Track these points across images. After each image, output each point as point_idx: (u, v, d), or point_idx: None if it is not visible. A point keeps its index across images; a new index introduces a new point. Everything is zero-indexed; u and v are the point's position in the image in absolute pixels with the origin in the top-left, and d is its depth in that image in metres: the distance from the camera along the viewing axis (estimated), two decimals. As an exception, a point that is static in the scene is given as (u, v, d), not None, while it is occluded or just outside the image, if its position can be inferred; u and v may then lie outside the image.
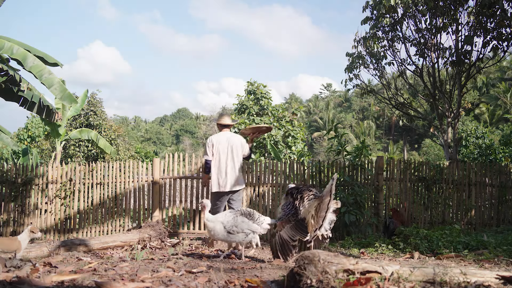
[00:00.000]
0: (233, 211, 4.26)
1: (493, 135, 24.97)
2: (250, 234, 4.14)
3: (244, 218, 4.18)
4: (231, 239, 4.16)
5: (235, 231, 4.13)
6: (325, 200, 3.88)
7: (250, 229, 4.15)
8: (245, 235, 4.14)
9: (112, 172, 7.33)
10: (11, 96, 7.55)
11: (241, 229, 4.15)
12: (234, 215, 4.19)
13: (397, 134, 48.63)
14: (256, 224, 4.17)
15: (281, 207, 4.17)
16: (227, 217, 4.18)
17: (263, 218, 4.30)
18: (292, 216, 3.95)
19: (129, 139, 29.65)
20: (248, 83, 17.05)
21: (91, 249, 4.93)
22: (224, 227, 4.11)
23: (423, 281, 2.16)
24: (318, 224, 3.83)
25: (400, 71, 12.10)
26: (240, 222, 4.13)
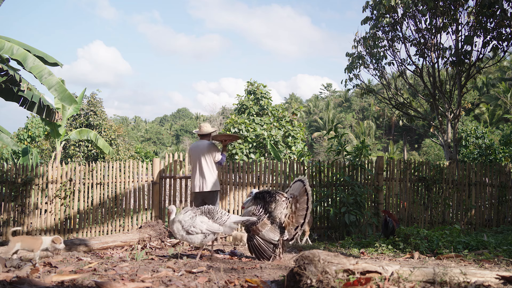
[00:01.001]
0: (194, 210, 4.08)
1: (493, 135, 24.97)
2: (210, 235, 3.97)
3: (204, 218, 3.99)
4: (190, 239, 3.97)
5: (193, 232, 3.94)
6: (301, 200, 4.03)
7: (210, 229, 3.97)
8: (204, 236, 3.96)
9: (112, 172, 7.34)
10: (11, 96, 7.54)
11: (200, 230, 3.95)
12: (193, 214, 4.00)
13: (397, 134, 48.63)
14: (217, 224, 3.98)
15: (252, 211, 4.09)
16: (186, 217, 3.99)
17: (227, 217, 4.08)
18: (268, 219, 4.02)
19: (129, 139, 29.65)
20: (248, 83, 17.05)
21: (91, 249, 4.93)
22: (182, 226, 3.93)
23: (423, 281, 2.16)
24: (298, 223, 4.02)
25: (400, 71, 12.10)
26: (199, 222, 3.94)
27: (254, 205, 4.15)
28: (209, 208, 4.08)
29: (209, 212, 4.05)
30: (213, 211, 4.07)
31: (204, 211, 4.04)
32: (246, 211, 4.21)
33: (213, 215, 4.04)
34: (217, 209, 4.11)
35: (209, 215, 4.03)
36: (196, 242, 3.98)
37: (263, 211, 4.08)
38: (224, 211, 4.15)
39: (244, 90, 17.04)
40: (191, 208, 4.11)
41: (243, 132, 14.58)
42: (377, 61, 11.97)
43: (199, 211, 4.04)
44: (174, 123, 66.25)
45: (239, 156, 14.12)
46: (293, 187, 4.24)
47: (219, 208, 4.22)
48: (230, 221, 4.04)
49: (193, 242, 3.98)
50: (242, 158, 14.09)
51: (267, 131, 14.59)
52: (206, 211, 4.05)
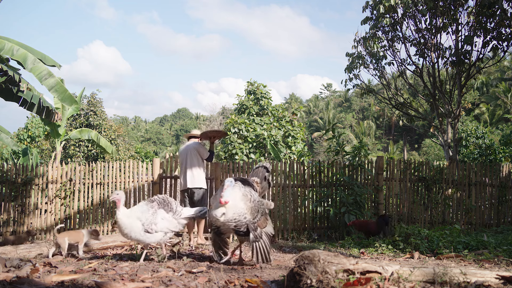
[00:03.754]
0: (149, 202, 3.62)
1: (493, 135, 24.97)
2: (169, 233, 3.59)
3: (163, 213, 3.55)
4: (147, 239, 3.49)
5: (153, 230, 3.46)
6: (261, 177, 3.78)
7: (170, 228, 3.56)
8: (163, 234, 3.54)
9: (112, 172, 7.34)
10: (11, 96, 7.54)
11: (161, 228, 3.50)
12: (153, 210, 3.52)
13: (397, 134, 48.62)
14: (176, 220, 3.59)
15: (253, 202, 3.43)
16: (146, 213, 3.50)
17: (180, 209, 3.67)
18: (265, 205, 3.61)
19: (129, 139, 29.66)
20: (248, 83, 17.05)
21: (91, 249, 4.93)
22: (143, 224, 3.46)
23: (423, 281, 2.16)
24: None
25: (400, 71, 12.09)
26: (160, 219, 3.50)
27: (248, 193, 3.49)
28: (164, 198, 3.66)
29: (166, 204, 3.62)
30: (170, 201, 3.65)
31: (160, 201, 3.61)
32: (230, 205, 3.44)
33: (171, 207, 3.62)
34: (172, 199, 3.70)
35: (167, 207, 3.61)
36: (152, 241, 3.52)
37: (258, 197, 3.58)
38: (177, 202, 3.73)
39: (244, 90, 17.05)
40: (145, 202, 3.67)
41: (243, 132, 14.58)
42: (377, 61, 11.96)
43: (156, 203, 3.60)
44: (174, 123, 66.24)
45: (239, 156, 14.12)
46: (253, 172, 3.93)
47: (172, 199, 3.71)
48: (183, 216, 3.65)
49: (147, 242, 3.52)
50: (242, 158, 14.08)
51: (267, 131, 14.58)
52: (162, 202, 3.61)
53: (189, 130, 59.92)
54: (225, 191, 3.38)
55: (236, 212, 3.32)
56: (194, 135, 6.18)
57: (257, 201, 3.46)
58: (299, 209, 7.33)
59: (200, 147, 6.03)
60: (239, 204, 3.38)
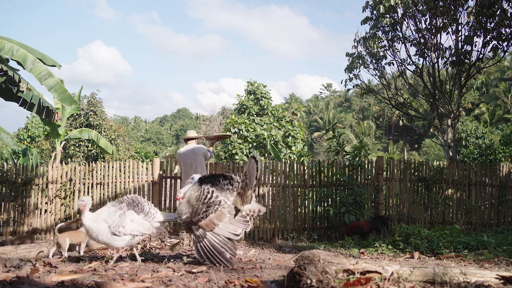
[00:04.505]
0: (117, 204, 3.39)
1: (493, 135, 24.97)
2: (139, 236, 3.36)
3: (133, 214, 3.34)
4: (114, 243, 3.28)
5: (121, 233, 3.26)
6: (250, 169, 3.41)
7: (140, 231, 3.34)
8: (131, 237, 3.32)
9: (112, 172, 7.34)
10: (11, 96, 7.54)
11: (130, 231, 3.29)
12: (121, 211, 3.31)
13: (397, 134, 48.62)
14: (148, 222, 3.37)
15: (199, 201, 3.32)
16: (113, 216, 3.28)
17: (155, 211, 3.46)
18: (226, 208, 3.33)
19: (129, 139, 29.66)
20: (248, 83, 17.05)
21: (91, 249, 4.92)
22: (109, 227, 3.24)
23: (423, 281, 2.16)
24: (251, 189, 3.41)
25: (400, 71, 12.09)
26: (129, 221, 3.29)
27: (201, 192, 3.34)
28: (134, 198, 3.44)
29: (136, 204, 3.40)
30: (141, 201, 3.43)
31: (130, 202, 3.40)
32: (183, 202, 3.43)
33: (142, 207, 3.40)
34: (144, 199, 3.49)
35: (137, 207, 3.39)
36: (120, 245, 3.32)
37: (218, 198, 3.33)
38: (152, 204, 3.53)
39: (244, 90, 17.05)
40: (112, 203, 3.44)
41: (243, 132, 14.58)
42: (377, 61, 11.96)
43: (124, 204, 3.38)
44: (174, 123, 66.23)
45: (239, 156, 14.12)
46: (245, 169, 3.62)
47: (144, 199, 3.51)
48: (157, 219, 3.44)
49: (116, 246, 3.32)
50: (242, 158, 14.09)
51: (267, 131, 14.59)
52: (132, 203, 3.39)
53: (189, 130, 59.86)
54: (184, 187, 3.49)
55: (179, 211, 3.38)
56: (193, 137, 6.28)
57: (205, 202, 3.28)
58: (299, 209, 7.33)
59: (206, 151, 6.19)
60: (184, 203, 3.40)
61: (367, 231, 6.20)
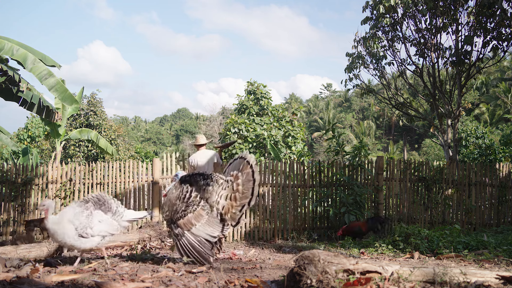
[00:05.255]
0: (83, 203, 3.23)
1: (493, 135, 24.97)
2: (108, 237, 3.22)
3: (101, 214, 3.19)
4: (82, 245, 3.11)
5: (89, 234, 3.09)
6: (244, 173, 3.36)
7: (109, 231, 3.19)
8: (100, 238, 3.18)
9: (112, 172, 7.34)
10: (11, 96, 7.54)
11: (98, 232, 3.13)
12: (88, 212, 3.15)
13: (397, 134, 48.61)
14: (116, 222, 3.24)
15: (179, 198, 3.32)
16: (79, 216, 3.11)
17: (123, 210, 3.33)
18: (204, 208, 3.30)
19: (129, 139, 29.66)
20: (248, 83, 17.05)
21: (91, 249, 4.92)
22: (76, 228, 3.07)
23: (423, 281, 2.16)
24: (244, 201, 3.36)
25: (400, 71, 12.09)
26: (97, 222, 3.14)
27: (181, 191, 3.34)
28: (100, 197, 3.30)
29: (103, 203, 3.26)
30: (108, 200, 3.29)
31: (96, 201, 3.25)
32: (165, 199, 3.43)
33: (109, 206, 3.26)
34: (110, 198, 3.35)
35: (104, 206, 3.24)
36: (87, 247, 3.16)
37: (197, 198, 3.32)
38: (118, 202, 3.40)
39: (244, 90, 17.05)
40: (78, 203, 3.27)
41: (243, 132, 14.58)
42: (377, 61, 11.96)
43: (91, 203, 3.23)
44: (174, 123, 66.23)
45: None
46: (231, 167, 3.55)
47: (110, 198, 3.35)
48: (126, 218, 3.32)
49: (83, 248, 3.15)
50: (242, 158, 14.07)
51: (267, 131, 14.59)
52: (98, 202, 3.24)
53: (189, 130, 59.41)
54: (168, 186, 3.52)
55: (162, 208, 3.43)
56: (205, 143, 6.60)
57: (185, 202, 3.27)
58: (299, 209, 7.33)
59: (218, 157, 6.52)
60: (166, 201, 3.42)
61: (364, 232, 6.21)
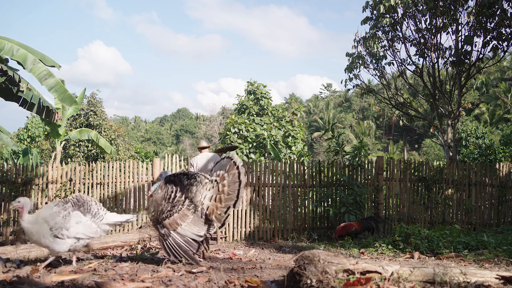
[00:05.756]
0: (62, 203, 3.10)
1: (493, 135, 24.97)
2: (85, 239, 3.06)
3: (79, 215, 3.05)
4: (56, 246, 2.96)
5: (64, 236, 2.94)
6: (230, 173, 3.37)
7: (86, 234, 3.03)
8: (75, 241, 3.00)
9: (112, 172, 7.34)
10: (11, 96, 7.54)
11: (74, 234, 2.97)
12: (65, 212, 3.00)
13: (397, 134, 48.61)
14: (95, 224, 3.09)
15: (164, 198, 3.30)
16: (56, 216, 2.97)
17: (104, 212, 3.17)
18: (189, 208, 3.29)
19: (129, 139, 29.67)
20: (248, 83, 17.05)
21: (91, 249, 4.92)
22: (51, 228, 2.93)
23: (423, 281, 2.16)
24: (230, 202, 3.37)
25: (400, 71, 12.09)
26: (74, 223, 2.98)
27: (166, 191, 3.32)
28: (80, 198, 3.17)
29: (82, 204, 3.12)
30: (88, 201, 3.15)
31: (75, 202, 3.12)
32: (151, 199, 3.41)
33: (89, 208, 3.12)
34: (92, 199, 3.22)
35: (83, 208, 3.10)
36: (62, 249, 2.99)
37: (181, 197, 3.31)
38: (100, 204, 3.25)
39: (244, 90, 17.06)
40: (56, 202, 3.15)
41: (243, 132, 14.59)
42: (377, 61, 11.96)
43: (70, 204, 3.09)
44: (174, 123, 66.24)
45: (239, 156, 14.13)
46: (217, 166, 3.55)
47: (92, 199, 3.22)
48: (107, 221, 3.17)
49: (57, 250, 2.99)
50: (242, 158, 14.09)
51: (267, 131, 14.59)
52: (77, 202, 3.11)
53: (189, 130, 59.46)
54: (154, 184, 3.45)
55: (148, 208, 3.42)
56: (207, 146, 6.90)
57: (170, 202, 3.26)
58: (299, 209, 7.33)
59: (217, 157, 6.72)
60: (152, 201, 3.37)
61: (359, 231, 6.23)
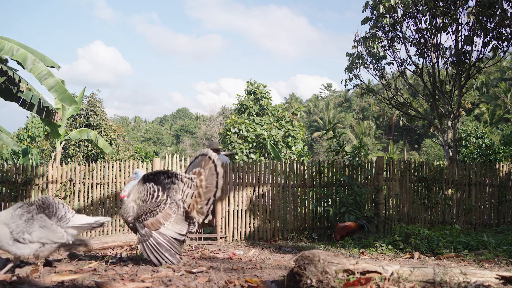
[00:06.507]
0: (26, 206, 2.90)
1: (493, 135, 24.97)
2: (50, 244, 2.84)
3: (44, 219, 2.84)
4: (17, 250, 2.75)
5: (26, 240, 2.75)
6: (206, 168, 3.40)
7: (52, 239, 2.82)
8: (39, 246, 2.80)
9: (112, 172, 7.34)
10: (11, 96, 7.54)
11: (38, 238, 2.77)
12: (29, 215, 2.82)
13: (397, 134, 48.62)
14: (62, 229, 2.88)
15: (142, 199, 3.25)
16: (17, 219, 2.78)
17: (71, 215, 2.96)
18: (171, 207, 3.28)
19: (129, 139, 29.66)
20: (248, 83, 17.05)
21: (91, 249, 4.92)
22: (11, 232, 2.73)
23: (423, 281, 2.16)
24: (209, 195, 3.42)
25: (400, 71, 12.09)
26: (37, 228, 2.78)
27: (147, 190, 3.27)
28: (45, 200, 2.95)
29: (47, 206, 2.91)
30: (54, 203, 2.95)
31: (40, 204, 2.91)
32: (128, 200, 3.31)
33: (54, 211, 2.91)
34: (59, 201, 3.01)
35: (47, 211, 2.90)
36: (25, 254, 2.79)
37: (164, 196, 3.28)
38: (69, 207, 3.04)
39: (244, 90, 17.05)
40: (20, 204, 2.94)
41: (243, 132, 14.59)
42: (377, 61, 11.97)
43: (34, 206, 2.89)
44: (174, 123, 66.24)
45: (239, 156, 14.13)
46: (192, 165, 3.57)
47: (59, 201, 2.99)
48: (73, 224, 2.94)
49: (19, 254, 2.78)
50: (242, 158, 14.09)
51: (267, 131, 14.59)
52: (42, 205, 2.91)
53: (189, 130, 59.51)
54: (127, 184, 3.37)
55: (123, 210, 3.29)
56: (219, 149, 7.21)
57: (152, 201, 3.23)
58: (299, 209, 7.33)
59: (230, 162, 7.05)
60: (129, 202, 3.30)
61: (356, 230, 6.33)
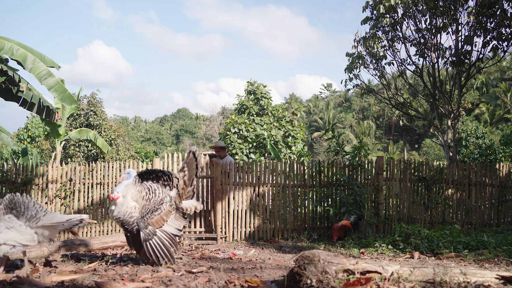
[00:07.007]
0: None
1: (493, 135, 24.97)
2: (19, 247, 2.71)
3: (12, 220, 2.70)
4: None
5: None
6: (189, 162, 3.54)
7: (19, 241, 2.68)
8: (9, 248, 2.68)
9: (112, 172, 7.34)
10: (11, 96, 7.54)
11: (4, 241, 2.65)
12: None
13: (397, 134, 48.62)
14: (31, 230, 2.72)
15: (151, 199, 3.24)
16: None
17: (43, 214, 2.78)
18: (170, 205, 3.33)
19: (129, 139, 29.66)
20: (248, 83, 17.05)
21: (91, 249, 4.92)
22: None
23: (423, 281, 2.16)
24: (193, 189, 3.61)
25: (400, 71, 12.09)
26: (4, 229, 2.65)
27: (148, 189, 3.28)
28: (14, 197, 2.77)
29: (14, 204, 2.74)
30: (23, 202, 2.77)
31: (7, 204, 2.75)
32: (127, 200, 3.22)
33: (23, 210, 2.74)
34: (29, 199, 2.82)
35: (15, 210, 2.73)
36: None
37: (163, 194, 3.32)
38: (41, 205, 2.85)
39: (244, 90, 17.05)
40: None
41: (243, 132, 14.59)
42: (377, 61, 11.96)
43: (2, 206, 2.74)
44: (174, 123, 66.25)
45: (239, 156, 14.12)
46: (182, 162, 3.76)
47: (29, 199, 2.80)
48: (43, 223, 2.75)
49: None
50: (242, 158, 14.09)
51: (267, 131, 14.58)
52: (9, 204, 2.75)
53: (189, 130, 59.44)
54: (119, 185, 3.26)
55: (122, 211, 3.18)
56: (224, 147, 7.45)
57: (156, 200, 3.25)
58: (299, 209, 7.33)
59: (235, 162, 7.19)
60: (129, 202, 3.21)
61: (351, 229, 6.40)
